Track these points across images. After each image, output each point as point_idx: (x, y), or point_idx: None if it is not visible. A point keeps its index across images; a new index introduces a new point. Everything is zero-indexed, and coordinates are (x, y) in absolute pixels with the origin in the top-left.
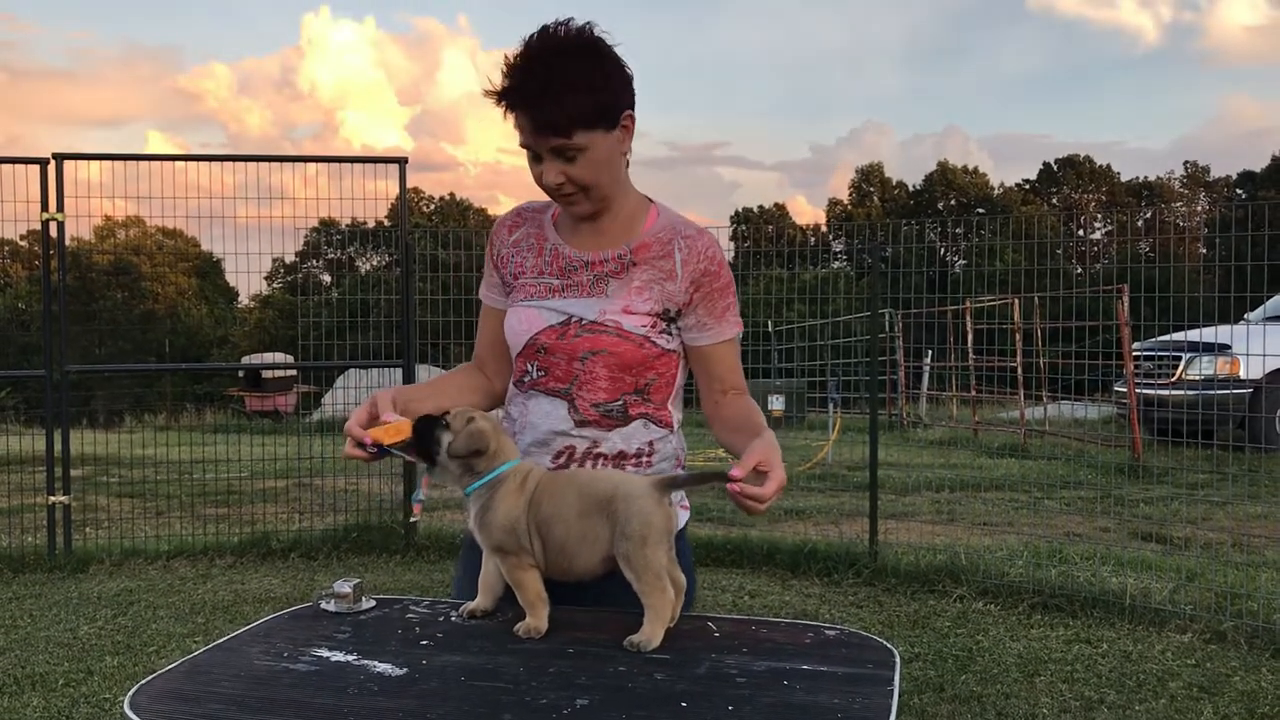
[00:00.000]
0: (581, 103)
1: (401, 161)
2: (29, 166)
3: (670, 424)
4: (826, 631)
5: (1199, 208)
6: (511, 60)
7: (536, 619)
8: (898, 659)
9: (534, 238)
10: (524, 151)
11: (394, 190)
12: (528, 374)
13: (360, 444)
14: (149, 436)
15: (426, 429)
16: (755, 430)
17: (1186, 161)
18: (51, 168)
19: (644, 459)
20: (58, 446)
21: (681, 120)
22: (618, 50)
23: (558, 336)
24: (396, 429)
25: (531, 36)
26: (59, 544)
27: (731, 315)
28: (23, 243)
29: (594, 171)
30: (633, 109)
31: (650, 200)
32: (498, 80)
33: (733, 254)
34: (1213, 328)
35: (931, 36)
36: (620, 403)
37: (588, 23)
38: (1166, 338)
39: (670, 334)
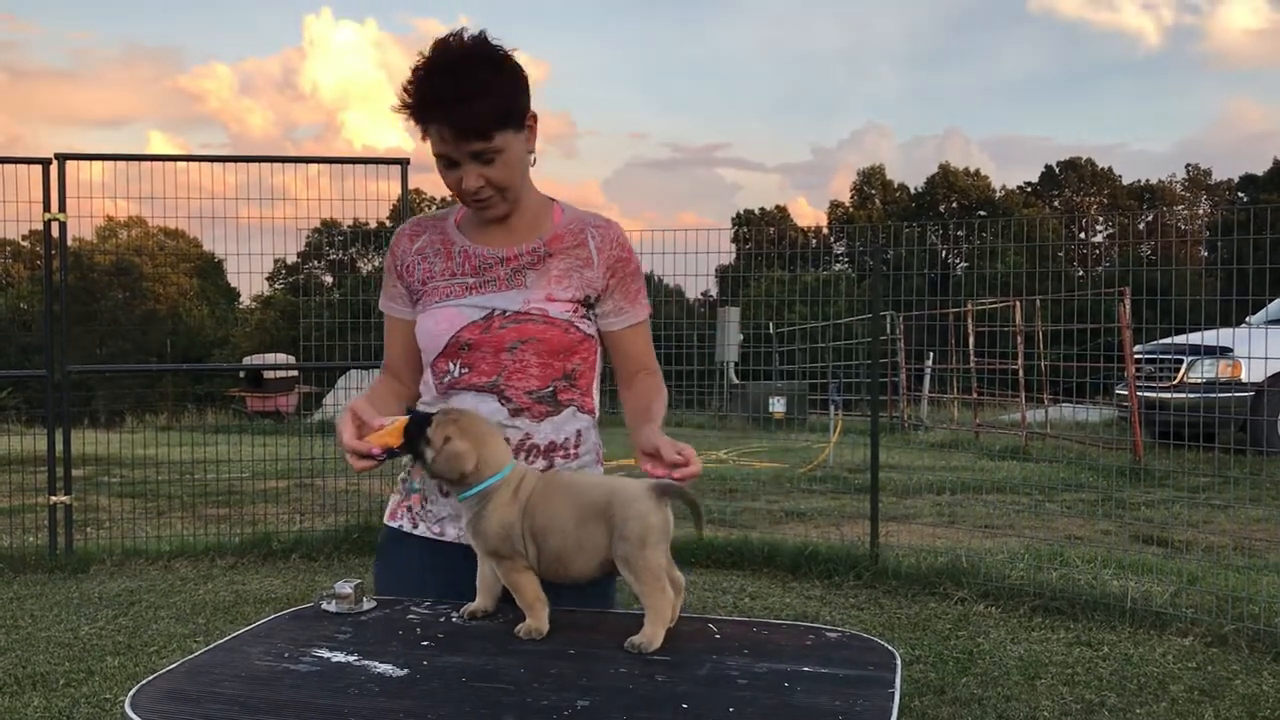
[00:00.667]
0: (496, 105)
1: (403, 163)
2: (31, 167)
3: (593, 411)
4: (828, 633)
5: (1200, 211)
6: (419, 73)
7: (537, 620)
8: (899, 661)
9: (439, 243)
10: (535, 158)
11: (396, 191)
12: (449, 374)
13: (367, 455)
14: (150, 437)
15: (416, 433)
16: (649, 416)
17: (1188, 164)
18: (54, 168)
19: (571, 450)
20: (59, 447)
21: (683, 122)
22: (514, 55)
23: (481, 331)
24: (399, 430)
25: (432, 49)
26: (60, 544)
27: (642, 299)
28: (24, 243)
29: (509, 173)
30: (531, 109)
31: (552, 199)
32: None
33: (734, 256)
34: (1214, 331)
35: (933, 38)
36: (551, 389)
37: (481, 31)
38: (1168, 341)
39: (589, 319)
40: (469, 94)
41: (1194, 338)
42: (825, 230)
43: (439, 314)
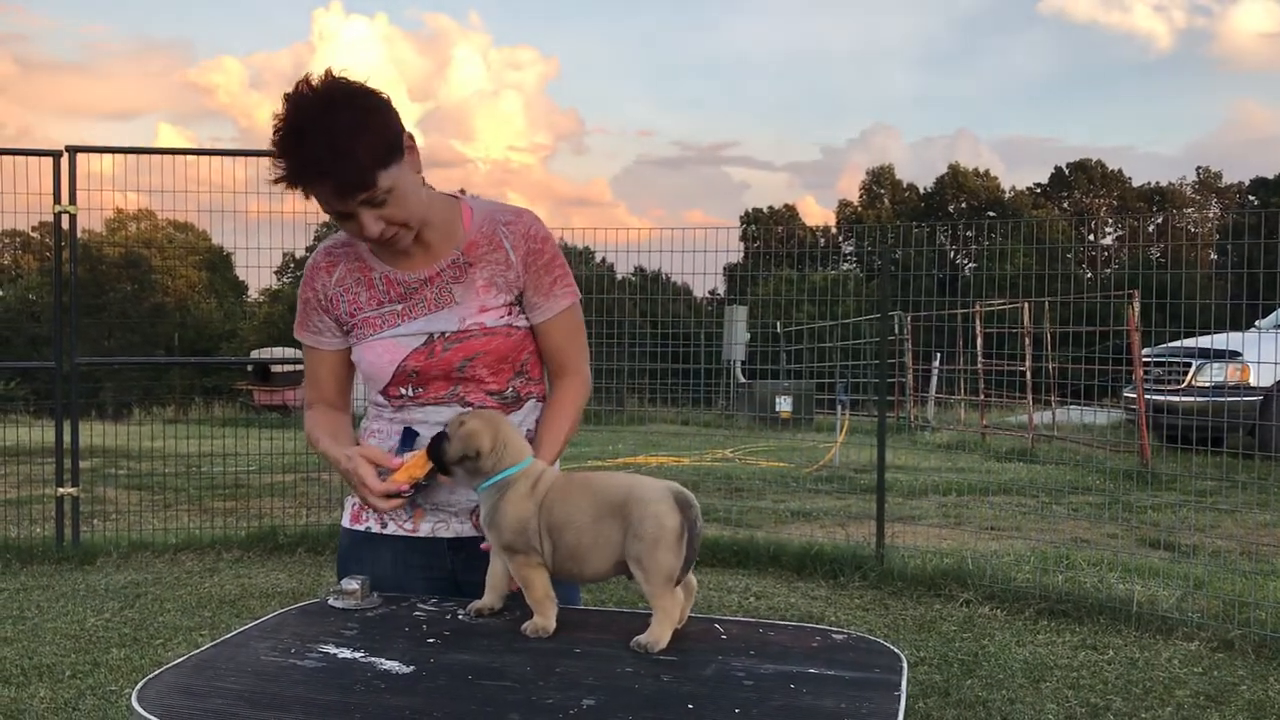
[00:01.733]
0: (371, 150)
1: None
2: (41, 159)
3: (545, 399)
4: (834, 635)
5: (1210, 214)
6: (282, 137)
7: (544, 618)
8: (905, 664)
9: (358, 272)
10: (537, 150)
11: None
12: (403, 395)
13: (395, 494)
14: (157, 429)
15: (437, 448)
16: (540, 443)
17: (1199, 167)
18: (64, 160)
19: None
20: (66, 438)
21: (691, 120)
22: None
23: (426, 356)
24: (421, 460)
25: (286, 109)
26: (67, 536)
27: (560, 288)
28: (34, 234)
29: (406, 206)
30: (405, 131)
31: (457, 196)
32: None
33: (742, 255)
34: (1223, 334)
35: (942, 39)
36: (511, 389)
37: (327, 70)
38: (1177, 344)
39: (523, 314)
40: (341, 149)
41: (1203, 341)
42: (834, 230)
43: (377, 346)
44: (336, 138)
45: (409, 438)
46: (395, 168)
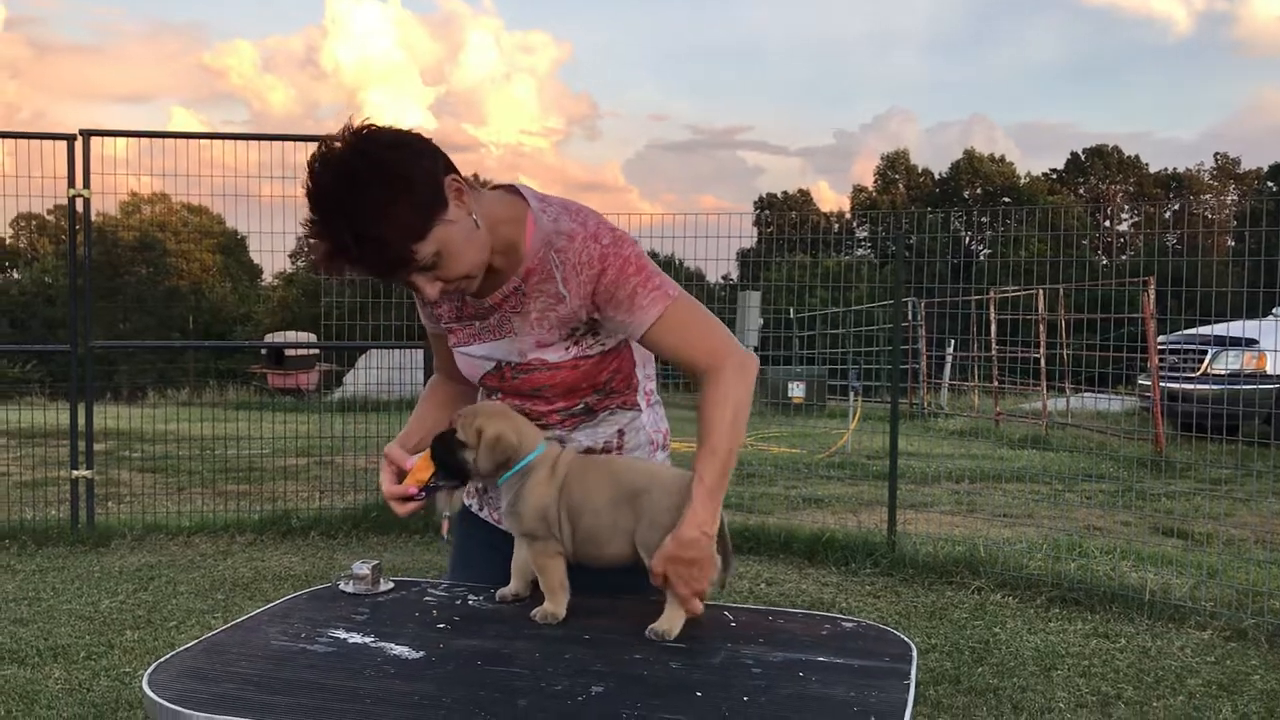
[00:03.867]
0: (402, 222)
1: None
2: (56, 142)
3: (637, 405)
4: (844, 623)
5: (1228, 200)
6: (310, 223)
7: (555, 605)
8: (914, 653)
9: None
10: (549, 134)
11: None
12: (492, 395)
13: (407, 498)
14: (171, 412)
15: (444, 451)
16: (697, 461)
17: (1216, 153)
18: (79, 144)
19: (615, 448)
20: (81, 421)
21: (704, 104)
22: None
23: (499, 380)
24: (425, 463)
25: (310, 188)
26: (82, 518)
27: (642, 299)
28: (49, 217)
29: (460, 259)
30: (448, 170)
31: (521, 197)
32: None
33: (755, 239)
34: (1240, 322)
35: (958, 22)
36: (582, 405)
37: (350, 131)
38: (1193, 331)
39: (598, 337)
40: (368, 235)
41: (1219, 328)
42: (848, 215)
43: (461, 359)
44: (363, 223)
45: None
46: (439, 228)
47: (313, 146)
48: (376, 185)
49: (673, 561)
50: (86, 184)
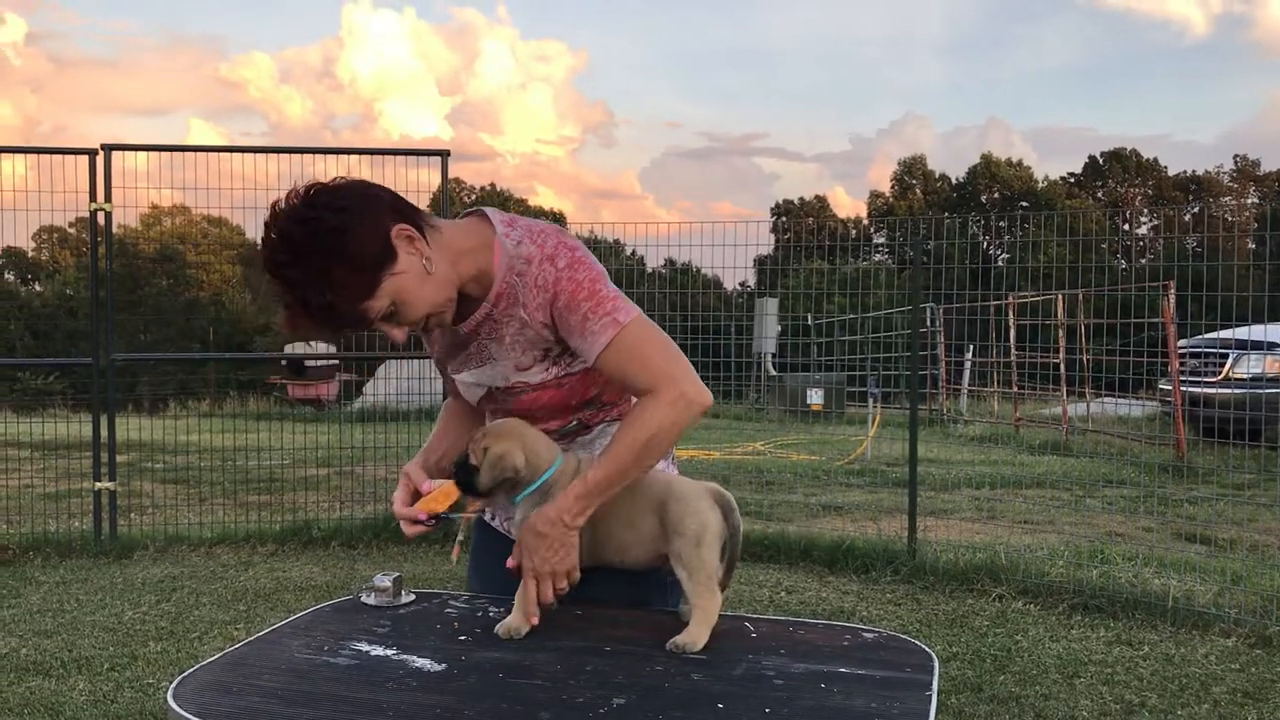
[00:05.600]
0: (345, 284)
1: (444, 154)
2: (78, 157)
3: None
4: (865, 634)
5: (1248, 203)
6: (271, 281)
7: (521, 620)
8: (936, 663)
9: None
10: (565, 142)
11: (435, 181)
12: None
13: (417, 521)
14: (193, 423)
15: (465, 479)
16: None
17: (1236, 155)
18: (100, 158)
19: None
20: (104, 433)
21: (720, 111)
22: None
23: (493, 404)
24: (445, 494)
25: (260, 250)
26: (104, 530)
27: (593, 324)
28: (71, 230)
29: (417, 304)
30: (396, 218)
31: (486, 221)
32: None
33: (772, 245)
34: (1261, 325)
35: (973, 26)
36: (575, 421)
37: (292, 191)
38: (1214, 335)
39: (576, 356)
40: (315, 300)
41: (1240, 332)
42: (865, 221)
43: (459, 385)
44: (309, 293)
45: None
46: (388, 281)
47: (330, 158)
48: (319, 254)
49: (527, 532)
50: (108, 198)
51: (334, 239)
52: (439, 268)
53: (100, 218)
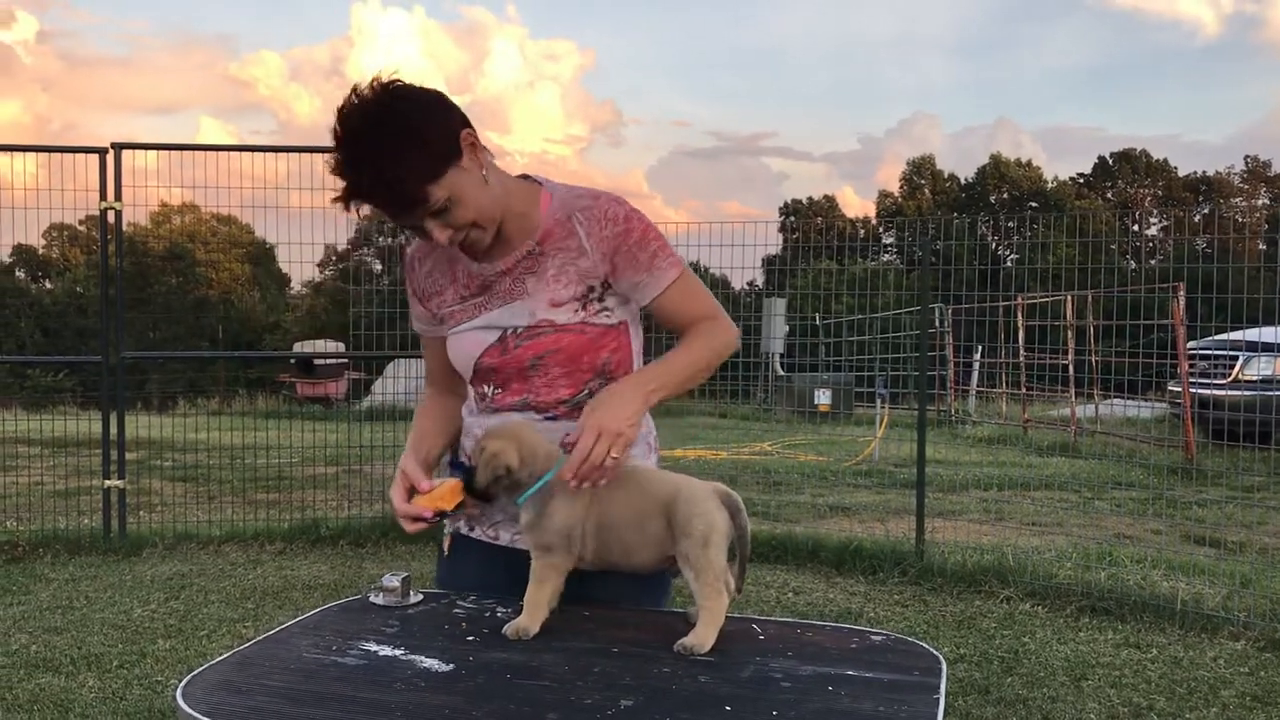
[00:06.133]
0: (419, 165)
1: None
2: (88, 156)
3: None
4: (872, 636)
5: (1259, 204)
6: (336, 163)
7: (531, 620)
8: (944, 666)
9: (445, 265)
10: (573, 142)
11: None
12: (486, 395)
13: (420, 518)
14: (201, 421)
15: (468, 478)
16: (660, 360)
17: (1247, 156)
18: (110, 157)
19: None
20: (113, 431)
21: (728, 110)
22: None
23: (500, 353)
24: (451, 492)
25: (336, 131)
26: (114, 527)
27: (661, 261)
28: (81, 227)
29: (471, 208)
30: (464, 125)
31: (536, 181)
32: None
33: (780, 246)
34: (1271, 327)
35: (982, 26)
36: (585, 392)
37: (374, 81)
38: (1223, 337)
39: (608, 309)
40: (388, 175)
41: (1250, 334)
42: (873, 221)
43: (460, 340)
44: (382, 164)
45: (456, 469)
46: (451, 174)
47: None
48: (397, 132)
49: (603, 391)
50: (118, 196)
51: (412, 119)
52: (493, 184)
53: (110, 216)
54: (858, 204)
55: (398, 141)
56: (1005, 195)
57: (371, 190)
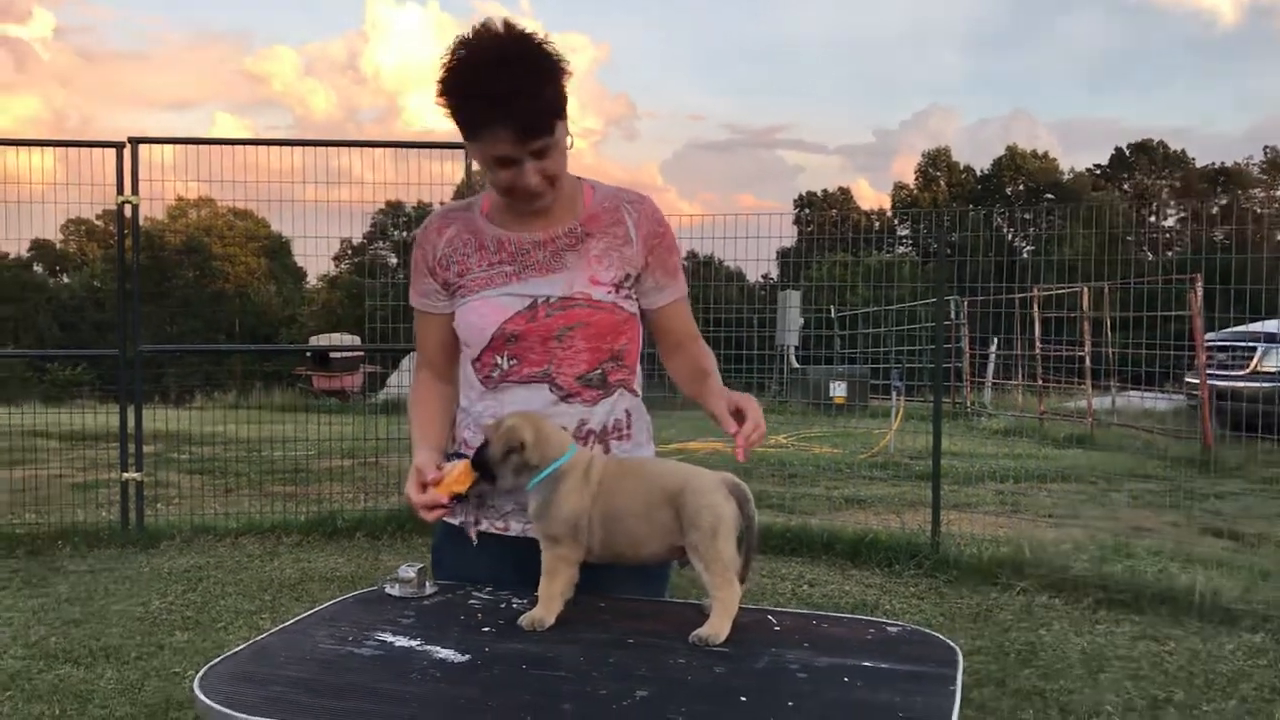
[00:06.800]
0: (552, 94)
1: (467, 147)
2: (105, 150)
3: (635, 391)
4: (888, 628)
5: (1278, 195)
6: (469, 69)
7: (547, 612)
8: (960, 658)
9: (470, 234)
10: (587, 135)
11: (459, 175)
12: (497, 368)
13: (437, 505)
14: (219, 414)
15: (480, 460)
16: (707, 372)
17: (1266, 147)
18: (127, 151)
19: (625, 431)
20: (131, 424)
21: (742, 103)
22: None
23: (528, 320)
24: (464, 474)
25: (476, 41)
26: (132, 519)
27: (680, 274)
28: (98, 222)
29: (561, 161)
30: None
31: (580, 178)
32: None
33: (795, 239)
34: None
35: (998, 17)
36: (600, 371)
37: (504, 21)
38: (1241, 328)
39: (631, 298)
40: (532, 90)
41: (1269, 325)
42: (889, 213)
43: (480, 306)
44: (526, 79)
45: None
46: (561, 123)
47: (353, 151)
48: (540, 57)
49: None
50: (135, 190)
51: (554, 59)
52: (567, 154)
53: (127, 210)
54: (873, 197)
55: (543, 72)
56: (1021, 187)
57: (509, 103)
